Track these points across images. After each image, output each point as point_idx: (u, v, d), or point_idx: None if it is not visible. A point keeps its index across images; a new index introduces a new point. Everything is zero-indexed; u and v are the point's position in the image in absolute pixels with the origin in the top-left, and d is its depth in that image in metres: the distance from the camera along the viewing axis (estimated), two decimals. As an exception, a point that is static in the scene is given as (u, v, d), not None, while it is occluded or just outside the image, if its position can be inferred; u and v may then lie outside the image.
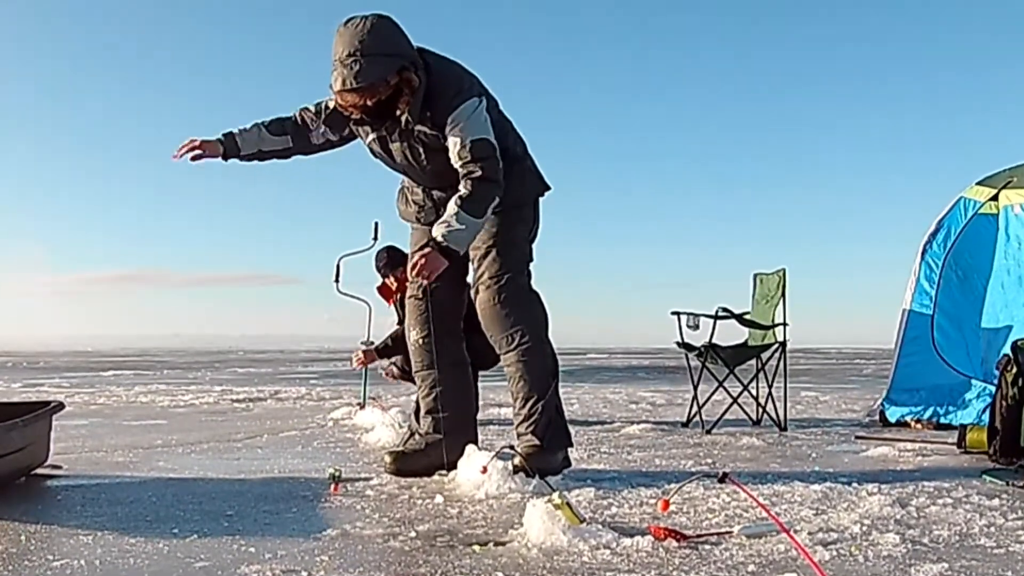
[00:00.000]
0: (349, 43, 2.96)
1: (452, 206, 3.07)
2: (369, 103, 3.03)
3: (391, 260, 5.17)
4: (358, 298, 5.74)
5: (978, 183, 5.32)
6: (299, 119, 3.42)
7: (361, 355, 5.44)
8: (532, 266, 3.43)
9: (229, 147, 3.36)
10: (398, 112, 3.11)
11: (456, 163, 3.09)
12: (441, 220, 3.09)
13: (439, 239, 3.05)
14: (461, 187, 3.07)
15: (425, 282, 3.13)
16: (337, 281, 5.54)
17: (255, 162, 3.45)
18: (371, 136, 3.28)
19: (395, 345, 5.13)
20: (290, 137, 3.42)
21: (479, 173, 3.06)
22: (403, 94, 3.06)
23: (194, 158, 3.32)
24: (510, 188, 3.21)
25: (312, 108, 3.40)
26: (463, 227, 3.05)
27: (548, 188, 3.46)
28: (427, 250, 3.07)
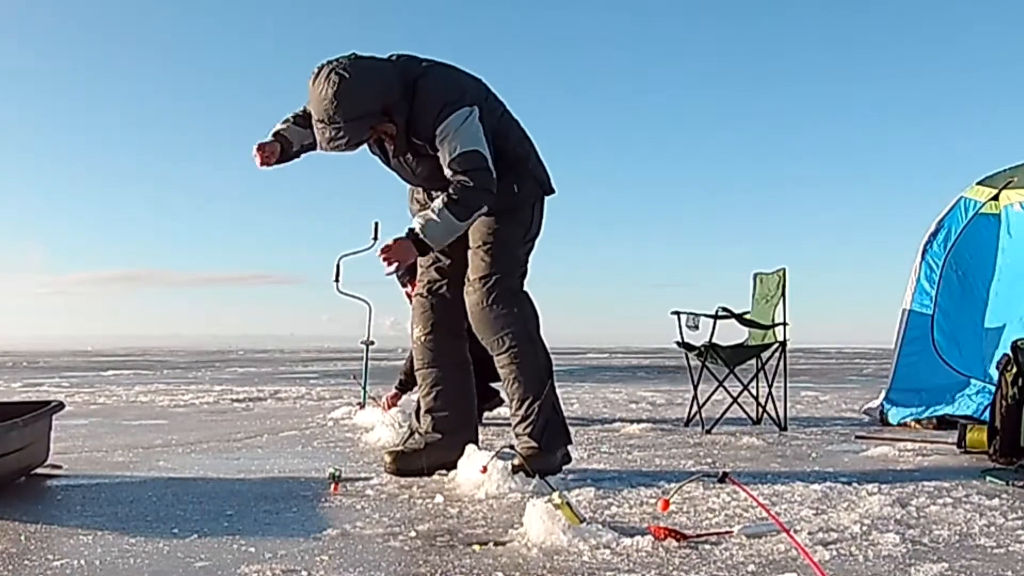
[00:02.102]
0: (317, 109, 3.00)
1: (438, 202, 3.08)
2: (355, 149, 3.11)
3: (413, 267, 5.14)
4: (358, 298, 5.75)
5: (978, 183, 5.32)
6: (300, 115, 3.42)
7: (388, 400, 5.47)
8: (531, 266, 3.43)
9: (285, 147, 3.34)
10: (386, 145, 3.19)
11: (447, 173, 3.09)
12: (423, 212, 3.10)
13: (415, 228, 3.05)
14: (451, 189, 3.08)
15: (388, 268, 3.08)
16: (337, 281, 5.54)
17: (295, 160, 3.43)
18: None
19: (411, 378, 5.11)
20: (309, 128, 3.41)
21: (470, 183, 3.06)
22: (383, 139, 3.14)
23: (264, 164, 3.30)
24: (507, 190, 3.21)
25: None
26: (439, 223, 3.05)
27: (551, 191, 3.45)
28: (402, 238, 3.07)
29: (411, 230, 3.06)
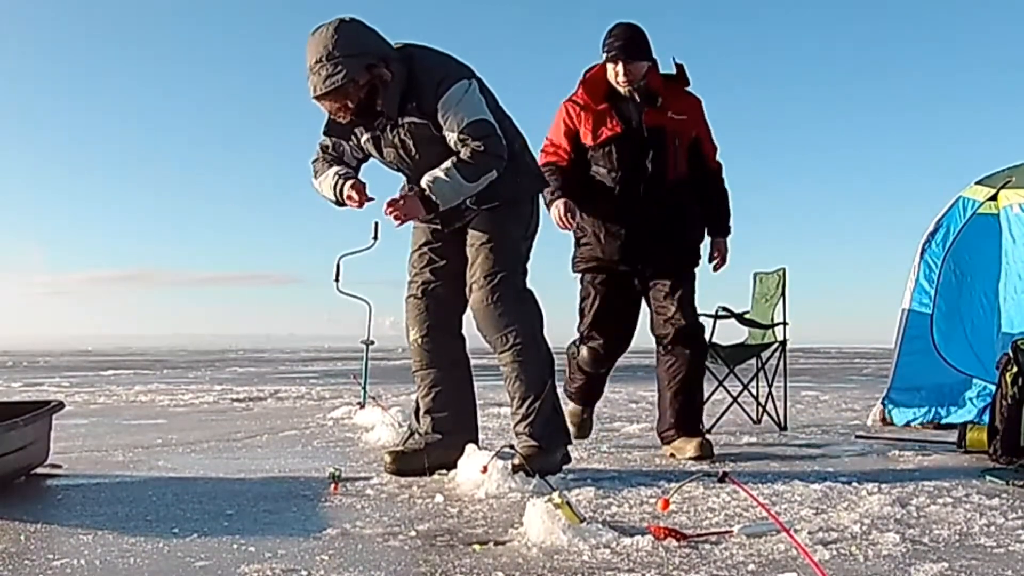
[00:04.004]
0: (315, 50, 3.00)
1: (448, 162, 3.09)
2: (350, 104, 3.07)
3: (629, 44, 3.73)
4: (358, 297, 5.75)
5: (977, 183, 5.32)
6: (325, 148, 3.41)
7: None
8: (530, 264, 3.43)
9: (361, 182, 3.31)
10: (378, 108, 3.13)
11: (457, 147, 3.11)
12: (431, 171, 3.11)
13: (423, 186, 3.08)
14: (462, 153, 3.09)
15: (396, 223, 3.13)
16: (337, 281, 5.53)
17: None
18: (365, 136, 3.30)
19: None
20: (346, 166, 3.40)
21: (482, 148, 3.08)
22: (378, 91, 3.09)
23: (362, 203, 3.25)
24: (506, 184, 3.21)
25: (321, 139, 3.42)
26: (449, 181, 3.07)
27: (547, 185, 3.46)
28: (409, 193, 3.11)
29: (419, 186, 3.10)
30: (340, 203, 3.27)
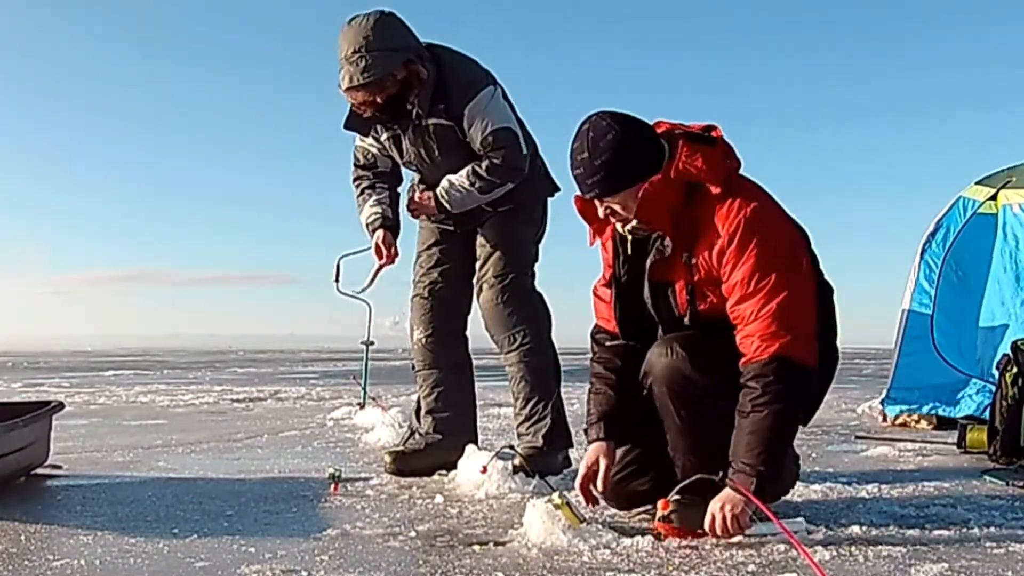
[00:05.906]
0: (353, 40, 2.97)
1: (466, 169, 3.17)
2: (379, 100, 3.05)
3: (601, 173, 2.08)
4: (358, 298, 5.73)
5: (977, 183, 5.33)
6: (362, 171, 3.46)
7: None
8: (537, 267, 3.44)
9: (394, 227, 3.42)
10: (409, 106, 3.11)
11: (480, 152, 3.15)
12: (450, 176, 3.20)
13: (439, 190, 3.21)
14: (484, 161, 3.15)
15: (409, 212, 3.35)
16: (337, 281, 5.52)
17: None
18: (385, 135, 3.29)
19: None
20: (384, 183, 3.46)
21: (500, 161, 3.13)
22: (412, 88, 3.07)
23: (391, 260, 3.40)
24: (518, 188, 3.23)
25: (354, 158, 3.47)
26: (462, 192, 3.18)
27: (558, 189, 3.46)
28: (430, 193, 3.25)
29: (434, 191, 3.23)
30: None
